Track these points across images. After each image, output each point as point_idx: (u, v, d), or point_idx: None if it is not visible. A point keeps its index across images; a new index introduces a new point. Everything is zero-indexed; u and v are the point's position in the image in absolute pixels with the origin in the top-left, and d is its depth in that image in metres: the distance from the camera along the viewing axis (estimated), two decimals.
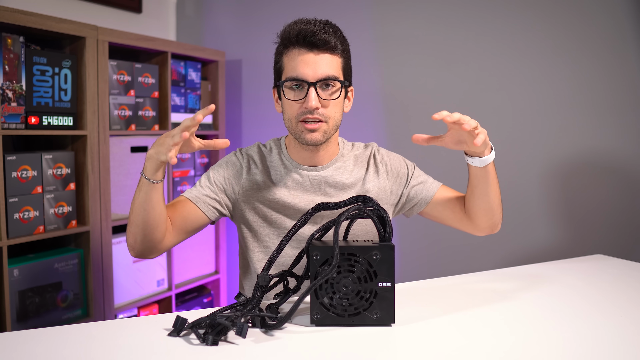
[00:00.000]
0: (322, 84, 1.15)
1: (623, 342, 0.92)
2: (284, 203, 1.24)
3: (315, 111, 1.15)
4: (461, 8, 2.02)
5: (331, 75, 1.15)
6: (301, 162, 1.26)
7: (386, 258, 0.95)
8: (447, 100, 2.06)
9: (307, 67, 1.14)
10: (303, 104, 1.15)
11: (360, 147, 1.34)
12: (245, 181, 1.25)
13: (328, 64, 1.15)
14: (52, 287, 1.78)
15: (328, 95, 1.16)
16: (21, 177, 1.67)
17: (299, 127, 1.17)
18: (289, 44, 1.17)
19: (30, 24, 1.65)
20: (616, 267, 1.42)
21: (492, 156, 1.19)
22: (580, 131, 1.85)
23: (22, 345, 0.88)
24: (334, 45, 1.15)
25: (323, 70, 1.14)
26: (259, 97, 2.54)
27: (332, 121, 1.18)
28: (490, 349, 0.89)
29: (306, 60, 1.14)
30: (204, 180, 1.26)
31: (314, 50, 1.15)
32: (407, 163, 1.35)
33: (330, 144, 1.25)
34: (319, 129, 1.16)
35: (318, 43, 1.14)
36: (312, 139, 1.17)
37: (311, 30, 1.14)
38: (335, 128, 1.20)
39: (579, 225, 1.87)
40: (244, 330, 0.88)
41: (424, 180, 1.33)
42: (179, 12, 2.67)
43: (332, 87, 1.16)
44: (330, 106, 1.17)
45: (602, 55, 1.80)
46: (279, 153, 1.28)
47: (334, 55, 1.16)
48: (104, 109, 1.90)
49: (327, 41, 1.14)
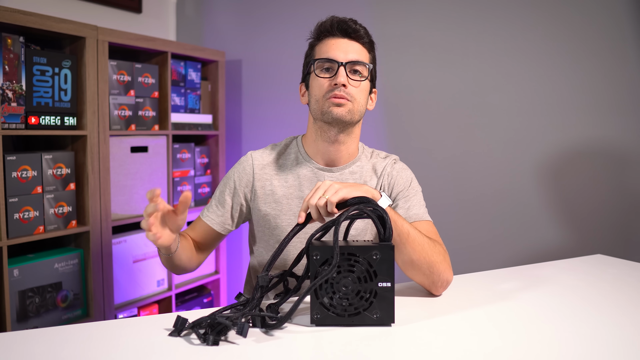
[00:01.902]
0: (351, 69, 1.20)
1: (623, 342, 0.92)
2: (291, 197, 1.26)
3: (342, 88, 1.18)
4: (461, 8, 2.02)
5: (361, 60, 1.20)
6: (318, 159, 1.27)
7: (386, 258, 0.95)
8: (447, 100, 2.07)
9: (339, 50, 1.20)
10: (332, 80, 1.19)
11: (379, 156, 1.33)
12: (258, 187, 1.28)
13: (358, 52, 1.21)
14: (52, 287, 1.78)
15: (356, 78, 1.21)
16: (21, 177, 1.66)
17: (326, 103, 1.20)
18: (322, 35, 1.24)
19: (30, 24, 1.64)
20: (616, 267, 1.42)
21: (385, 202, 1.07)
22: (580, 131, 1.85)
23: (22, 345, 0.88)
24: (364, 37, 1.22)
25: (353, 55, 1.20)
26: (259, 97, 2.54)
27: (357, 105, 1.21)
28: (490, 349, 0.89)
29: (338, 44, 1.21)
30: (216, 201, 1.31)
31: (345, 37, 1.21)
32: (411, 183, 1.29)
33: (351, 139, 1.26)
34: (345, 105, 1.19)
35: (350, 31, 1.21)
36: (338, 113, 1.19)
37: (344, 20, 1.22)
38: (359, 114, 1.23)
39: (579, 225, 1.87)
40: (244, 329, 0.88)
41: (410, 207, 1.24)
42: (179, 12, 2.67)
43: (360, 74, 1.21)
44: (358, 89, 1.21)
45: (602, 55, 1.80)
46: (295, 151, 1.31)
47: (364, 47, 1.23)
48: (104, 109, 1.90)
49: (358, 31, 1.21)
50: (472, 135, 2.03)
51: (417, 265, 1.10)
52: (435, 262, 1.10)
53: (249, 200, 1.29)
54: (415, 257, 1.09)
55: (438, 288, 1.14)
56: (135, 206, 2.07)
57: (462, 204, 2.07)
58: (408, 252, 1.09)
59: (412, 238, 1.08)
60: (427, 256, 1.10)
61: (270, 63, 2.49)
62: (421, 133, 2.13)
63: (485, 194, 2.02)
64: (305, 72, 1.28)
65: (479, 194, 2.03)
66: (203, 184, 2.41)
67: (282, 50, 2.42)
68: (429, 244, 1.11)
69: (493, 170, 2.00)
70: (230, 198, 1.29)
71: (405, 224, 1.09)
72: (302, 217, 1.03)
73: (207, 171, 2.45)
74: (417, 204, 1.26)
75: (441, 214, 1.88)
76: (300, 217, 1.03)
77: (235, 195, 1.29)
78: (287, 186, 1.26)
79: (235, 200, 1.29)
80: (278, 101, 2.47)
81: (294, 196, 1.26)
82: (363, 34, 1.22)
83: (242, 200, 1.29)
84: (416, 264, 1.10)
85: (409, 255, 1.09)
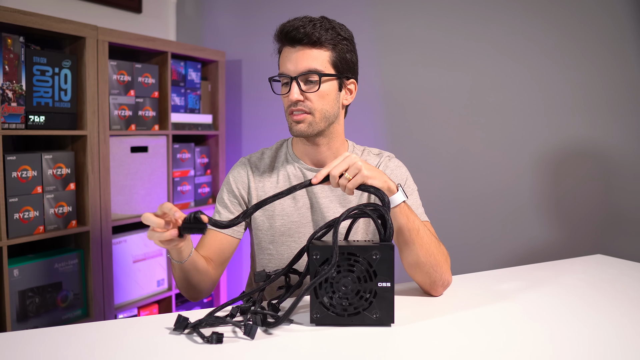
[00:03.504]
0: (304, 78, 1.17)
1: (622, 342, 0.92)
2: (285, 201, 1.26)
3: (298, 103, 1.17)
4: (461, 8, 2.02)
5: (312, 69, 1.16)
6: (305, 159, 1.28)
7: (386, 258, 0.95)
8: (447, 99, 2.07)
9: (289, 62, 1.17)
10: (288, 97, 1.18)
11: (372, 152, 1.32)
12: (252, 189, 1.28)
13: (310, 58, 1.16)
14: (52, 287, 1.78)
15: (310, 88, 1.17)
16: (21, 177, 1.67)
17: (289, 119, 1.20)
18: (279, 43, 1.22)
19: (30, 24, 1.65)
20: (616, 267, 1.42)
21: (400, 197, 1.06)
22: (580, 131, 1.85)
23: (22, 345, 0.88)
24: (318, 38, 1.15)
25: (303, 64, 1.16)
26: (259, 97, 2.55)
27: (319, 113, 1.18)
28: (490, 349, 0.89)
29: (289, 56, 1.18)
30: (221, 207, 1.29)
31: (296, 45, 1.17)
32: (407, 181, 1.28)
33: (331, 139, 1.25)
34: (304, 120, 1.18)
35: (300, 37, 1.15)
36: (297, 130, 1.19)
37: (294, 25, 1.16)
38: (325, 120, 1.19)
39: (579, 225, 1.87)
40: (252, 331, 0.89)
41: None
42: (179, 12, 2.67)
43: (313, 80, 1.17)
44: (315, 99, 1.17)
45: (602, 55, 1.80)
46: (285, 153, 1.31)
47: (320, 49, 1.16)
48: (104, 109, 1.90)
49: (308, 34, 1.15)
50: (471, 135, 2.03)
51: (422, 263, 1.10)
52: (439, 262, 1.11)
53: (247, 202, 1.29)
54: (422, 255, 1.09)
55: (438, 288, 1.14)
56: (135, 206, 2.07)
57: (460, 204, 2.07)
58: (416, 249, 1.09)
59: (421, 236, 1.09)
60: (433, 255, 1.10)
61: (270, 63, 2.48)
62: (420, 132, 2.13)
63: (484, 194, 2.02)
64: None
65: (478, 194, 2.03)
66: (203, 184, 2.41)
67: None
68: (435, 244, 1.12)
69: (492, 170, 2.00)
70: (232, 200, 1.29)
71: (416, 221, 1.09)
72: (317, 179, 1.03)
73: (207, 171, 2.45)
74: (414, 203, 1.25)
75: (439, 213, 1.88)
76: (315, 179, 1.03)
77: (235, 197, 1.29)
78: (279, 187, 1.27)
79: (237, 201, 1.29)
80: (278, 101, 2.46)
81: (286, 197, 1.25)
82: (316, 34, 1.14)
83: (241, 201, 1.29)
84: (421, 263, 1.10)
85: (416, 252, 1.09)
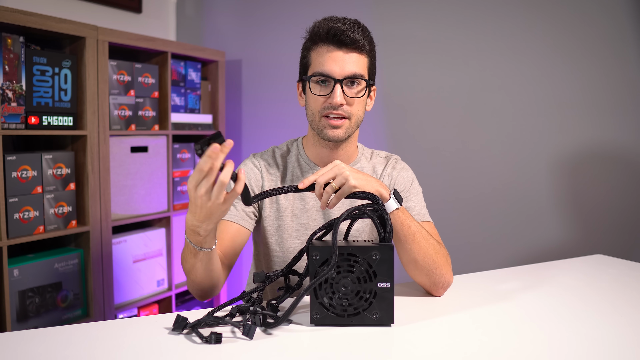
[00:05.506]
0: (348, 82, 1.16)
1: (622, 342, 0.92)
2: (293, 198, 1.25)
3: (339, 107, 1.16)
4: (461, 8, 2.02)
5: (357, 74, 1.16)
6: (318, 162, 1.27)
7: (386, 258, 0.95)
8: (447, 100, 2.07)
9: (335, 64, 1.15)
10: (328, 99, 1.16)
11: (380, 156, 1.33)
12: (264, 186, 1.27)
13: (355, 63, 1.16)
14: (52, 287, 1.78)
15: (354, 93, 1.17)
16: (21, 177, 1.67)
17: (322, 122, 1.18)
18: (318, 41, 1.18)
19: (30, 24, 1.64)
20: (616, 267, 1.42)
21: (393, 205, 1.07)
22: (580, 131, 1.85)
23: (22, 345, 0.88)
24: (362, 44, 1.16)
25: (350, 68, 1.15)
26: (259, 97, 2.55)
27: (355, 119, 1.19)
28: (490, 349, 0.89)
29: (334, 57, 1.15)
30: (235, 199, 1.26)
31: (342, 48, 1.15)
32: (412, 184, 1.29)
33: (350, 144, 1.25)
34: (342, 126, 1.17)
35: (347, 41, 1.15)
36: (334, 135, 1.18)
37: (341, 28, 1.14)
38: (357, 125, 1.21)
39: (579, 226, 1.87)
40: (251, 331, 0.89)
41: (410, 207, 1.24)
42: (179, 12, 2.67)
43: (357, 85, 1.17)
44: (355, 104, 1.18)
45: (602, 55, 1.80)
46: (296, 154, 1.30)
47: (361, 54, 1.17)
48: (104, 109, 1.90)
49: (356, 40, 1.15)
50: (471, 135, 2.03)
51: (421, 265, 1.10)
52: (439, 264, 1.11)
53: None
54: (420, 258, 1.10)
55: (438, 289, 1.14)
56: (135, 206, 2.07)
57: (461, 203, 2.07)
58: (414, 254, 1.09)
59: (417, 240, 1.09)
60: (431, 258, 1.10)
61: (270, 63, 2.49)
62: (421, 132, 2.13)
63: (484, 194, 2.02)
64: (301, 73, 1.25)
65: (478, 193, 2.03)
66: None
67: (282, 50, 2.42)
68: (434, 246, 1.11)
69: (493, 170, 2.00)
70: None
71: (412, 226, 1.09)
72: (304, 184, 1.02)
73: None
74: (418, 204, 1.26)
75: (441, 213, 1.88)
76: (302, 184, 1.02)
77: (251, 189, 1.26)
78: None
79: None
80: (278, 101, 2.47)
81: (296, 198, 1.26)
82: (361, 40, 1.15)
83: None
84: (420, 264, 1.10)
85: (414, 257, 1.10)
